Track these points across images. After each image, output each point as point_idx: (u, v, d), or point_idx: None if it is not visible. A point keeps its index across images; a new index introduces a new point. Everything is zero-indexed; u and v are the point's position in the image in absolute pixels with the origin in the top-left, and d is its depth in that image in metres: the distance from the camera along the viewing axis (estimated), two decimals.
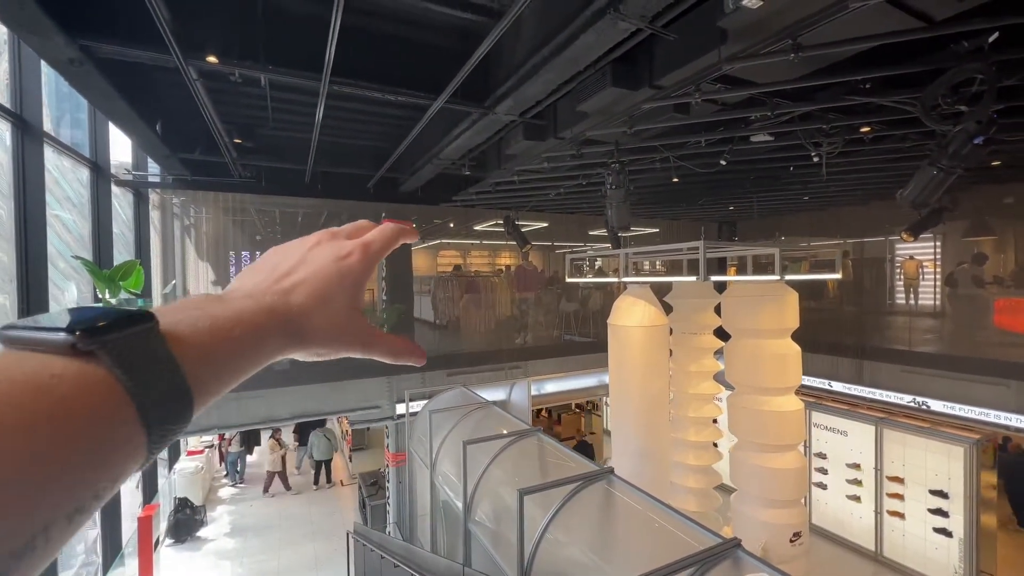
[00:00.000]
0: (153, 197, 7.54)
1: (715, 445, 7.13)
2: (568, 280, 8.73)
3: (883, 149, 5.64)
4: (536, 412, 11.39)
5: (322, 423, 11.55)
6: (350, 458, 12.13)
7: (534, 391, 8.41)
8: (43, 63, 3.83)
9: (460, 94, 4.08)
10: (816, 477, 8.16)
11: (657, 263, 12.18)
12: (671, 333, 6.86)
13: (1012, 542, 7.44)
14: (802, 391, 7.14)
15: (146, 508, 6.34)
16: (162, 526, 8.58)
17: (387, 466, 8.51)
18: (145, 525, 5.81)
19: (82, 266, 4.43)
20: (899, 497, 7.23)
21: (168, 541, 8.73)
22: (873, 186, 8.12)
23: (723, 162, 5.83)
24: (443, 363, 8.64)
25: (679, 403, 7.08)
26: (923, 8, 2.73)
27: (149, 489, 7.56)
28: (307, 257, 0.46)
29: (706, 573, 2.60)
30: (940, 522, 6.80)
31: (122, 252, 6.28)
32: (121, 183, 6.41)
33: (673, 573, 2.54)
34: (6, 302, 3.84)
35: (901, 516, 7.19)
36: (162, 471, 8.79)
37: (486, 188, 7.37)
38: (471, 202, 8.84)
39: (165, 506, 8.86)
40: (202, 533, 9.07)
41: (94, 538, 5.49)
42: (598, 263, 12.33)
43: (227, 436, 11.51)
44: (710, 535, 2.97)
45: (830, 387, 8.63)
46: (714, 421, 7.20)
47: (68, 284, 5.02)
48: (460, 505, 4.77)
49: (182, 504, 9.01)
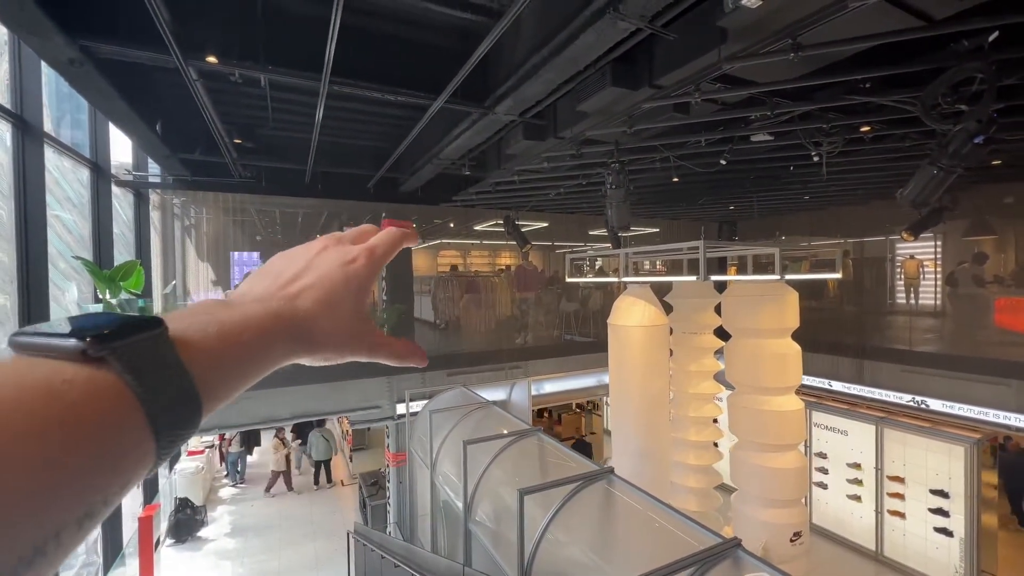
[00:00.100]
0: (153, 197, 7.54)
1: (715, 445, 7.14)
2: (568, 280, 8.74)
3: (883, 149, 5.64)
4: (537, 412, 11.38)
5: (321, 423, 11.55)
6: (350, 458, 12.14)
7: (534, 391, 8.41)
8: (43, 63, 3.84)
9: (460, 94, 4.09)
10: (816, 477, 8.15)
11: (657, 263, 12.16)
12: (671, 333, 6.86)
13: (1013, 542, 7.43)
14: (802, 391, 7.15)
15: (147, 508, 6.34)
16: (163, 526, 8.59)
17: (387, 466, 8.51)
18: (146, 525, 5.81)
19: (82, 266, 4.44)
20: (900, 497, 7.22)
21: (169, 541, 8.74)
22: (873, 185, 8.11)
23: (723, 162, 5.83)
24: (443, 363, 8.64)
25: (679, 403, 7.09)
26: (923, 7, 2.73)
27: (150, 489, 7.55)
28: (313, 262, 0.46)
29: (706, 573, 2.60)
30: (941, 522, 6.79)
31: (122, 252, 6.27)
32: (121, 183, 6.42)
33: (673, 573, 2.55)
34: (6, 302, 3.84)
35: (902, 516, 7.19)
36: (163, 471, 8.79)
37: (486, 188, 7.37)
38: (471, 202, 8.84)
39: (166, 506, 8.88)
40: (203, 533, 9.08)
41: (95, 538, 5.48)
42: (598, 263, 12.32)
43: (227, 436, 11.52)
44: (710, 535, 2.98)
45: (830, 387, 8.63)
46: (714, 421, 7.20)
47: (68, 284, 5.01)
48: (460, 505, 4.77)
49: (183, 504, 9.02)
